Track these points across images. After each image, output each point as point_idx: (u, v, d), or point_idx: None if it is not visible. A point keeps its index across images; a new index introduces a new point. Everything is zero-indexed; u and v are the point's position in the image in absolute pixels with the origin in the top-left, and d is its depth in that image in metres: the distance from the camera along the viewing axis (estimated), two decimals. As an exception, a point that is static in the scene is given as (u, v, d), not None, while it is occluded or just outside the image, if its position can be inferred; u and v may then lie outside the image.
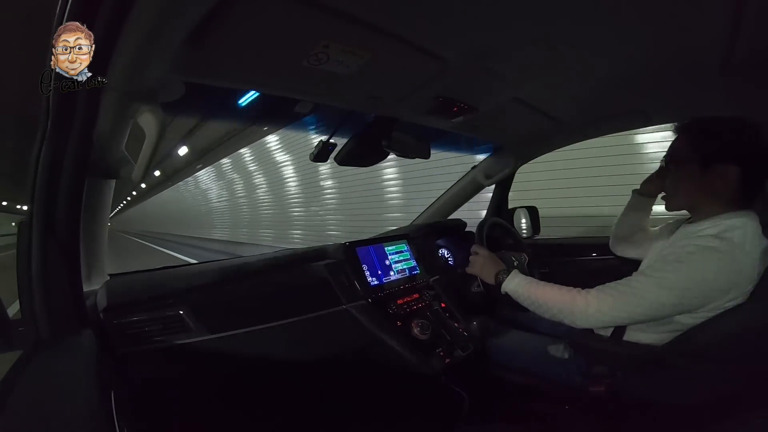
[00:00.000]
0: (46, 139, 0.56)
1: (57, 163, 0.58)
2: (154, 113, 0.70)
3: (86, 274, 0.88)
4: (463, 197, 1.71)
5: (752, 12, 0.65)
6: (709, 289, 0.72)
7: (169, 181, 16.53)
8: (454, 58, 0.79)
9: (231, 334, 0.90)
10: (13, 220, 25.40)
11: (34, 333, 0.60)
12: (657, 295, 0.75)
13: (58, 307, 0.61)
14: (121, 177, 0.88)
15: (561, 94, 1.08)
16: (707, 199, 0.81)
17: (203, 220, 13.14)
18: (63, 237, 0.61)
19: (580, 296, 0.83)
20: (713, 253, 0.72)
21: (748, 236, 0.74)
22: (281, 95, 0.90)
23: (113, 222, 39.29)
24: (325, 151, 1.12)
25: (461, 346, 1.10)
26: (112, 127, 0.77)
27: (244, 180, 9.84)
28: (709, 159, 0.79)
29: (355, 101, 1.00)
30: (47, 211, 0.59)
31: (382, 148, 1.15)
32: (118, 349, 0.78)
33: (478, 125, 1.26)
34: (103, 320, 0.79)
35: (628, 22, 0.70)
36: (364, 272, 1.15)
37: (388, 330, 1.06)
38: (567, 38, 0.75)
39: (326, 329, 1.04)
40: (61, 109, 0.55)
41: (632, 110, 1.21)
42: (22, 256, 0.59)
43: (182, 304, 0.87)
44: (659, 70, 0.90)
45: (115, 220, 40.55)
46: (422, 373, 1.03)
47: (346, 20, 0.61)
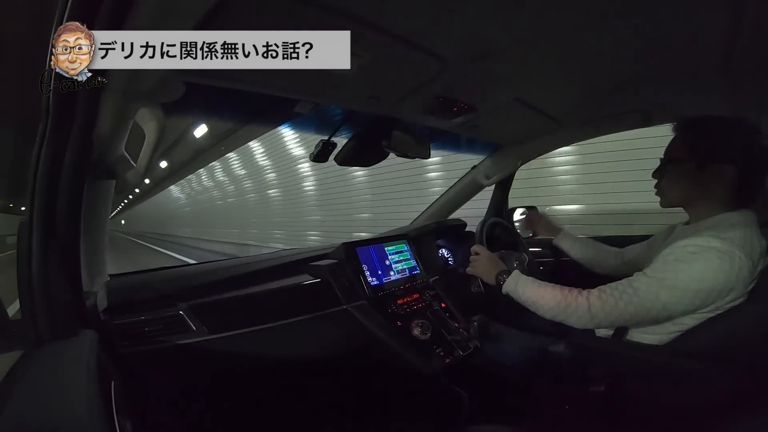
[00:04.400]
0: (46, 139, 0.56)
1: (57, 163, 0.58)
2: (154, 113, 0.70)
3: (86, 275, 0.88)
4: (463, 197, 1.71)
5: (752, 12, 0.65)
6: (709, 288, 0.72)
7: (167, 181, 16.45)
8: (454, 58, 0.79)
9: (231, 334, 0.90)
10: (13, 220, 25.41)
11: (34, 333, 0.59)
12: (658, 296, 0.75)
13: (58, 308, 0.61)
14: (121, 177, 0.89)
15: (561, 94, 1.08)
16: (703, 198, 0.81)
17: (204, 220, 13.04)
18: (63, 237, 0.61)
19: (582, 297, 0.83)
20: (713, 252, 0.72)
21: (748, 236, 0.74)
22: (281, 95, 0.90)
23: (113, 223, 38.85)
24: (325, 151, 1.12)
25: (461, 346, 1.10)
26: (112, 127, 0.77)
27: (240, 181, 9.77)
28: (706, 158, 0.79)
29: (355, 101, 1.00)
30: (47, 211, 0.59)
31: (382, 148, 1.15)
32: (119, 349, 0.78)
33: (478, 125, 1.26)
34: (103, 320, 0.79)
35: (628, 22, 0.70)
36: (365, 272, 1.15)
37: (389, 330, 1.06)
38: (567, 38, 0.75)
39: (326, 329, 1.04)
40: (61, 109, 0.55)
41: (632, 110, 1.21)
42: (22, 256, 0.59)
43: (182, 305, 0.87)
44: (659, 70, 0.90)
45: (114, 221, 40.15)
46: (422, 373, 1.03)
47: (345, 20, 0.61)
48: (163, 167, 12.05)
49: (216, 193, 11.81)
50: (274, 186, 8.53)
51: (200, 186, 13.00)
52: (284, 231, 8.40)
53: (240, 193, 9.98)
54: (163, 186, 16.97)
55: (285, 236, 8.29)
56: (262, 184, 8.94)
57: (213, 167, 11.03)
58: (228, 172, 10.41)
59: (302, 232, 7.72)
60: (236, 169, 9.86)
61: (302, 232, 7.73)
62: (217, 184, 11.47)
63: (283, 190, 8.19)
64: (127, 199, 29.03)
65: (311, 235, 7.49)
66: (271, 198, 8.71)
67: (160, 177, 14.52)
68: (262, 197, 9.04)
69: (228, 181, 10.69)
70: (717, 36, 0.74)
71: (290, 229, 8.16)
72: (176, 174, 13.69)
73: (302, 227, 7.75)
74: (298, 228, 7.86)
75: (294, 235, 7.97)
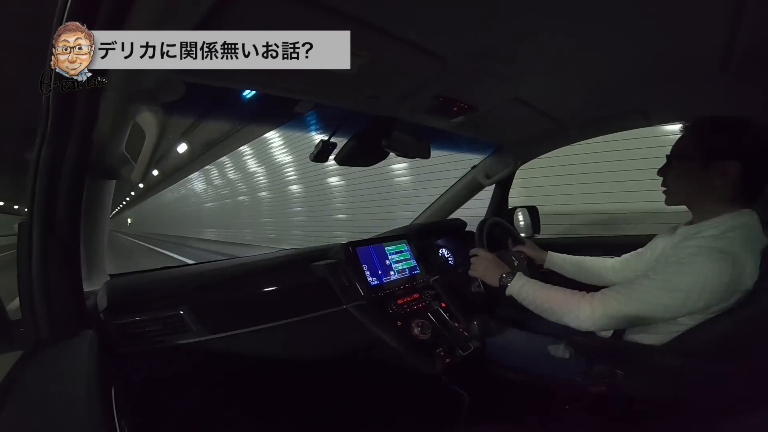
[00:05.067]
0: (46, 139, 0.56)
1: (57, 163, 0.57)
2: (154, 113, 0.70)
3: (86, 275, 0.88)
4: (463, 197, 1.71)
5: (752, 11, 0.65)
6: (712, 290, 0.72)
7: (166, 181, 16.17)
8: (454, 58, 0.79)
9: (231, 335, 0.90)
10: (13, 220, 25.37)
11: (35, 333, 0.60)
12: (660, 298, 0.75)
13: (59, 308, 0.61)
14: (121, 177, 0.89)
15: (561, 94, 1.08)
16: (707, 196, 0.81)
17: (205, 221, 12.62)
18: (63, 237, 0.61)
19: (585, 300, 0.83)
20: (715, 253, 0.72)
21: (750, 236, 0.74)
22: (281, 95, 0.90)
23: (114, 223, 37.47)
24: (325, 151, 1.12)
25: (461, 346, 1.10)
26: (112, 127, 0.77)
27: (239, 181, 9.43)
28: (710, 156, 0.79)
29: (355, 101, 1.00)
30: (47, 211, 0.59)
31: (382, 148, 1.15)
32: (119, 349, 0.78)
33: (478, 125, 1.26)
34: (103, 320, 0.79)
35: (628, 22, 0.70)
36: (365, 272, 1.15)
37: (389, 330, 1.06)
38: (567, 38, 0.75)
39: (326, 329, 1.04)
40: (61, 109, 0.55)
41: (632, 110, 1.21)
42: (22, 256, 0.59)
43: (182, 304, 0.87)
44: (659, 70, 0.90)
45: (114, 221, 39.19)
46: (422, 373, 1.03)
47: (345, 20, 0.61)
48: (181, 154, 11.46)
49: (242, 187, 10.18)
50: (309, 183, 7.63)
51: (223, 179, 11.41)
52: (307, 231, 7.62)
53: (275, 187, 8.66)
54: (181, 176, 14.91)
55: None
56: (291, 181, 8.00)
57: (242, 153, 9.56)
58: (262, 159, 9.15)
59: (329, 232, 6.98)
60: (268, 162, 8.70)
61: (329, 231, 7.00)
62: (245, 175, 9.91)
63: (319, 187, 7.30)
64: (128, 198, 28.79)
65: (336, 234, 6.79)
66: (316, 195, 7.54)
67: (177, 168, 13.83)
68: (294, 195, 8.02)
69: (257, 175, 9.33)
70: (717, 36, 0.74)
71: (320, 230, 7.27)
72: (197, 162, 12.62)
73: (329, 226, 7.04)
74: (325, 227, 7.12)
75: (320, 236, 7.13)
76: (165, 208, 18.79)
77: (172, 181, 16.00)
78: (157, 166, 11.80)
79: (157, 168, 12.38)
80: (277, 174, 8.42)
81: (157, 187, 18.78)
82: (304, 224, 7.88)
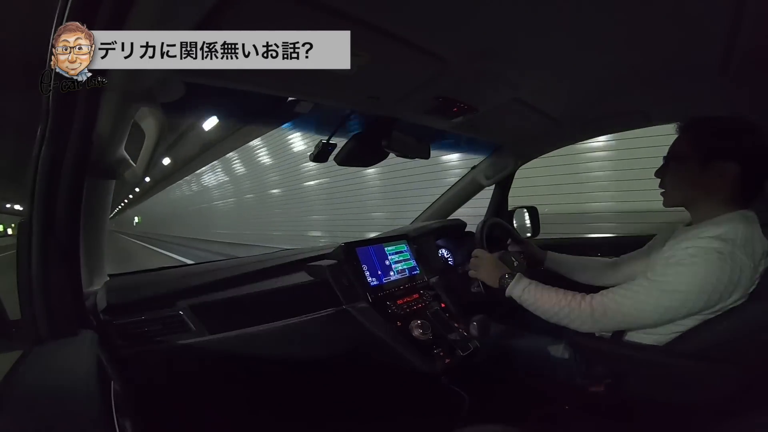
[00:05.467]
0: (46, 139, 0.56)
1: (57, 163, 0.58)
2: (154, 113, 0.70)
3: (86, 275, 0.88)
4: (463, 197, 1.71)
5: (752, 12, 0.65)
6: (711, 291, 0.72)
7: (165, 182, 15.96)
8: (454, 58, 0.79)
9: (231, 335, 0.90)
10: (13, 220, 25.26)
11: (34, 333, 0.60)
12: (660, 299, 0.75)
13: (58, 308, 0.61)
14: (121, 177, 0.88)
15: (561, 94, 1.08)
16: (705, 197, 0.81)
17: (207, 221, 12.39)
18: (63, 237, 0.61)
19: (585, 302, 0.83)
20: (715, 254, 0.72)
21: (749, 237, 0.74)
22: (281, 95, 0.90)
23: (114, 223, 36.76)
24: (325, 152, 1.12)
25: (461, 346, 1.10)
26: (112, 127, 0.77)
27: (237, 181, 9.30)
28: (709, 157, 0.79)
29: (355, 101, 1.00)
30: (47, 211, 0.59)
31: (381, 148, 1.15)
32: (118, 349, 0.78)
33: (478, 125, 1.26)
34: (103, 320, 0.79)
35: (628, 22, 0.70)
36: (364, 272, 1.15)
37: (388, 330, 1.06)
38: (567, 38, 0.75)
39: (326, 329, 1.04)
40: (61, 109, 0.55)
41: (632, 110, 1.21)
42: (22, 256, 0.59)
43: (182, 305, 0.87)
44: (659, 70, 0.90)
45: (114, 221, 38.71)
46: (422, 373, 1.03)
47: (345, 20, 0.61)
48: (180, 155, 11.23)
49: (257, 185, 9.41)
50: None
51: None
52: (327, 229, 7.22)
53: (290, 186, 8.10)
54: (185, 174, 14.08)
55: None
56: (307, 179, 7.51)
57: (253, 147, 8.88)
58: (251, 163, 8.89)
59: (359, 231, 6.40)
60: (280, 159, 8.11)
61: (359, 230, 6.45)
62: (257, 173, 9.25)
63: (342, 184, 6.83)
64: (129, 197, 28.63)
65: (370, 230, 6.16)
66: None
67: (187, 161, 13.41)
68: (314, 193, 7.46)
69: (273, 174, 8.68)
70: (717, 36, 0.74)
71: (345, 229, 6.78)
72: (205, 156, 12.12)
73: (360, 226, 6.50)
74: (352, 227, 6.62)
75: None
76: (172, 207, 17.45)
77: (181, 176, 15.44)
78: (160, 165, 11.67)
79: (162, 167, 12.23)
80: (286, 174, 8.03)
81: (165, 183, 18.26)
82: (322, 223, 7.42)
